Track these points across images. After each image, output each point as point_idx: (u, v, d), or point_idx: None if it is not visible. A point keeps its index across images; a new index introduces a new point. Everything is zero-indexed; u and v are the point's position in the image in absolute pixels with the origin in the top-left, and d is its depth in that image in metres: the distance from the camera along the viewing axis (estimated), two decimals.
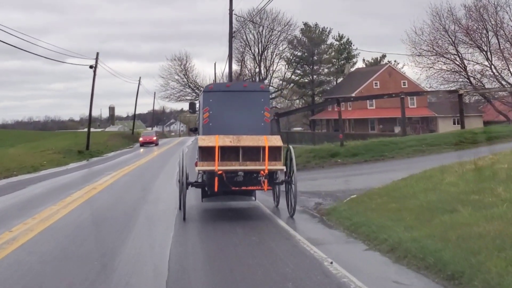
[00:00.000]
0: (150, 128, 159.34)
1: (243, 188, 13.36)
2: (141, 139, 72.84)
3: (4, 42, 33.62)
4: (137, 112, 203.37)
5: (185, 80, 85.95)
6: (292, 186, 13.88)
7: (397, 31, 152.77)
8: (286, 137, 28.82)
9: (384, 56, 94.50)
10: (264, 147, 12.95)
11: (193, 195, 17.09)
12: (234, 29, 47.62)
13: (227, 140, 13.00)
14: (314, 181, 21.61)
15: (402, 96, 29.59)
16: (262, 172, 12.97)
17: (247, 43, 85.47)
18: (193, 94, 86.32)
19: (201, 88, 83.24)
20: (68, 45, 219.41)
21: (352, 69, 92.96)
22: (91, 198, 19.12)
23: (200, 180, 14.44)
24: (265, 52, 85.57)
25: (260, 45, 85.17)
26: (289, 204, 14.10)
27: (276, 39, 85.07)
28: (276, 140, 13.27)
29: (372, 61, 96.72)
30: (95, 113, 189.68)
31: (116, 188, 22.48)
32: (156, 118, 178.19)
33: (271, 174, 13.49)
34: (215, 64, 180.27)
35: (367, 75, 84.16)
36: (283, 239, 11.44)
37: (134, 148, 68.73)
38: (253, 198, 15.20)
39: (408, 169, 22.78)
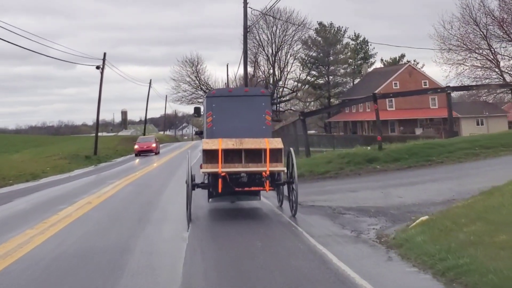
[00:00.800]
0: (162, 132, 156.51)
1: (246, 189, 13.59)
2: (136, 146, 55.94)
3: (17, 45, 29.76)
4: (149, 116, 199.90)
5: (197, 82, 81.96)
6: (293, 186, 13.93)
7: (408, 33, 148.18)
8: (306, 139, 24.81)
9: (403, 56, 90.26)
10: (265, 149, 13.17)
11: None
12: (246, 27, 43.59)
13: (229, 143, 13.25)
14: (354, 193, 17.55)
15: (448, 91, 25.41)
16: (264, 173, 13.17)
17: (260, 44, 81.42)
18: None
19: (218, 88, 79.25)
20: (79, 50, 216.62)
21: (370, 69, 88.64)
22: (80, 217, 15.12)
23: (206, 182, 14.41)
24: (279, 53, 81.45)
25: (273, 45, 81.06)
26: (291, 204, 14.19)
27: (290, 39, 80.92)
28: (277, 143, 13.49)
29: (391, 60, 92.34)
30: (108, 118, 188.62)
31: (115, 203, 18.50)
32: (169, 122, 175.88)
33: (273, 175, 13.76)
34: (227, 65, 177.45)
35: (386, 75, 79.93)
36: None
37: None
38: (258, 198, 15.27)
39: (466, 176, 18.70)
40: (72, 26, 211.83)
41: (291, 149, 14.76)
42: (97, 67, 51.08)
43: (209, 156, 13.32)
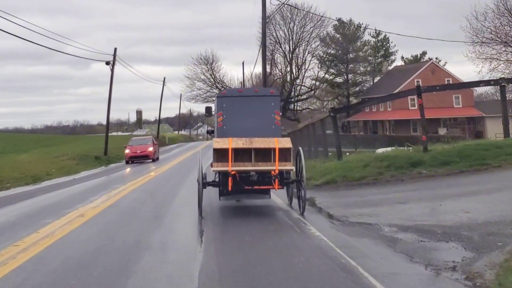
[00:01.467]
0: (176, 132, 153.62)
1: (255, 187, 13.69)
2: (127, 151, 43.56)
3: (36, 43, 26.68)
4: (164, 116, 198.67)
5: (212, 80, 78.69)
6: (302, 185, 13.89)
7: (426, 32, 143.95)
8: (337, 139, 21.37)
9: (424, 53, 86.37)
10: (274, 149, 13.27)
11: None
12: (264, 17, 40.33)
13: (240, 142, 13.35)
14: (404, 205, 14.11)
15: (502, 84, 21.83)
16: (273, 172, 13.28)
17: (277, 41, 78.13)
18: None
19: (229, 88, 75.96)
20: (92, 50, 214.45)
21: (390, 67, 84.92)
22: (64, 237, 11.82)
23: (217, 180, 14.47)
24: (297, 50, 78.10)
25: (291, 42, 77.72)
26: (300, 203, 14.16)
27: (308, 36, 77.56)
28: (286, 142, 13.65)
29: (412, 58, 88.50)
30: (123, 117, 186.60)
31: (112, 216, 15.22)
32: (184, 121, 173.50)
33: (282, 174, 13.86)
34: (243, 63, 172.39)
35: (408, 73, 76.22)
36: None
37: (159, 152, 61.78)
38: (268, 196, 15.13)
39: None
40: (86, 26, 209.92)
41: (300, 148, 14.79)
42: (107, 63, 48.00)
43: (220, 155, 13.43)
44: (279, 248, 10.11)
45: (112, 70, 50.50)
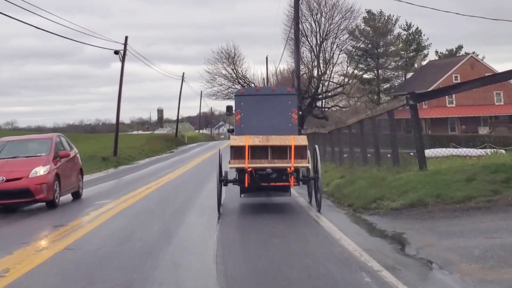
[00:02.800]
0: (198, 131, 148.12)
1: (271, 184, 13.53)
2: None
3: (63, 38, 20.24)
4: (186, 115, 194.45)
5: (234, 75, 71.95)
6: (318, 182, 13.51)
7: (461, 27, 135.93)
8: (419, 138, 14.84)
9: (460, 48, 78.96)
10: (290, 146, 13.11)
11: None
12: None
13: (256, 140, 13.31)
14: None
15: None
16: (288, 169, 13.03)
17: (303, 33, 71.12)
18: None
19: (252, 84, 69.26)
20: (113, 48, 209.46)
21: (424, 62, 77.63)
22: None
23: (237, 178, 13.84)
24: (324, 44, 71.06)
25: (318, 35, 70.74)
26: (316, 199, 13.73)
27: (336, 29, 70.49)
28: (302, 140, 13.50)
29: (447, 52, 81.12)
30: (145, 116, 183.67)
31: (83, 259, 8.81)
32: (205, 120, 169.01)
33: (298, 171, 13.65)
34: (266, 58, 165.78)
35: (444, 68, 69.07)
36: None
37: (175, 153, 55.53)
38: (288, 194, 14.64)
39: None
40: (105, 25, 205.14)
41: (316, 146, 14.73)
42: (116, 52, 41.67)
43: (237, 152, 13.25)
44: None
45: (122, 61, 44.25)
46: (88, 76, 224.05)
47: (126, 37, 44.90)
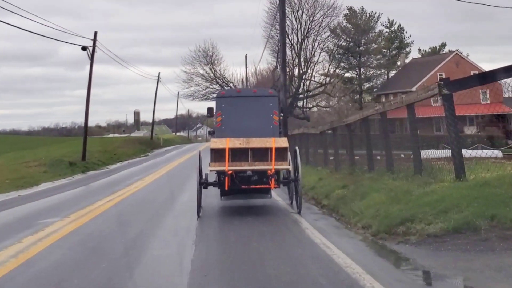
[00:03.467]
0: (175, 133, 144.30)
1: (252, 186, 13.28)
2: None
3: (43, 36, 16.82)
4: (163, 117, 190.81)
5: (212, 74, 68.46)
6: (298, 184, 13.44)
7: (445, 25, 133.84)
8: (455, 139, 11.74)
9: (443, 45, 76.29)
10: (271, 148, 12.95)
11: None
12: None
13: (237, 142, 13.10)
14: None
15: None
16: (269, 171, 12.86)
17: (284, 31, 67.96)
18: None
19: (230, 84, 65.72)
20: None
21: (407, 60, 74.79)
22: None
23: (218, 180, 13.73)
24: (305, 41, 67.94)
25: (299, 33, 67.61)
26: (296, 201, 13.68)
27: (318, 26, 67.43)
28: (282, 142, 13.29)
29: (430, 50, 78.42)
30: (122, 119, 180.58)
31: None
32: (182, 122, 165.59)
33: (278, 173, 13.54)
34: (246, 56, 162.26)
35: (429, 66, 66.30)
36: None
37: (149, 157, 51.80)
38: (269, 196, 14.44)
39: None
40: (80, 27, 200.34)
41: (297, 148, 14.40)
42: (83, 48, 37.95)
43: (217, 154, 13.06)
44: None
45: (91, 58, 40.49)
46: (63, 79, 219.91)
47: (95, 33, 41.23)
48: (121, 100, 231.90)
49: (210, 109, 15.69)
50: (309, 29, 67.52)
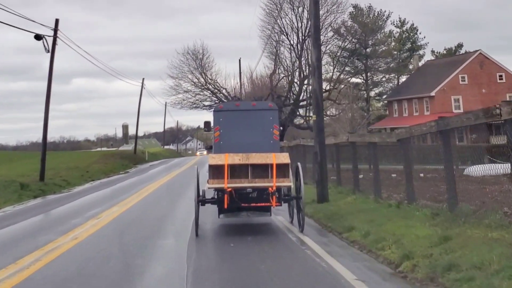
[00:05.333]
0: (164, 146, 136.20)
1: (252, 204, 12.66)
2: None
3: None
4: (153, 131, 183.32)
5: (202, 80, 59.40)
6: (301, 202, 12.54)
7: (461, 23, 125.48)
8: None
9: (460, 46, 67.76)
10: (272, 165, 12.24)
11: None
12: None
13: (236, 158, 12.41)
14: None
15: None
16: (270, 188, 12.17)
17: (283, 31, 59.43)
18: (213, 98, 59.76)
19: (223, 90, 56.87)
20: (73, 65, 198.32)
21: (420, 63, 66.07)
22: None
23: (216, 197, 13.01)
24: (307, 42, 59.20)
25: (300, 33, 58.95)
26: (299, 219, 12.74)
27: (321, 24, 58.69)
28: (284, 158, 12.53)
29: (445, 52, 69.78)
30: (110, 133, 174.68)
31: None
32: (172, 135, 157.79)
33: (280, 191, 12.67)
34: (239, 60, 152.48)
35: (448, 68, 57.75)
36: None
37: (129, 174, 42.64)
38: (269, 214, 13.59)
39: None
40: (61, 40, 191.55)
41: (299, 164, 13.49)
42: (38, 37, 29.06)
43: (216, 171, 12.35)
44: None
45: (52, 51, 31.57)
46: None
47: (57, 21, 32.28)
48: (110, 114, 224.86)
49: (207, 123, 15.20)
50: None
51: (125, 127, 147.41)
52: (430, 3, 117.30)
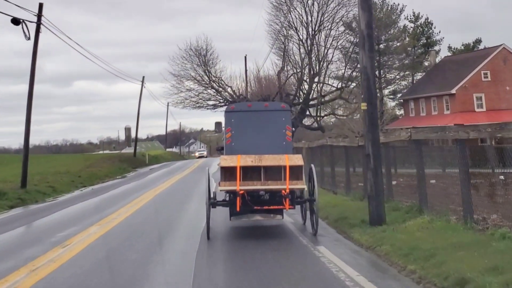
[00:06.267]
0: (167, 149, 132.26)
1: (265, 207, 12.08)
2: None
3: None
4: (156, 133, 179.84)
5: (206, 77, 54.78)
6: (314, 204, 12.18)
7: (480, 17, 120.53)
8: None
9: (478, 41, 63.17)
10: (285, 166, 11.75)
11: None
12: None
13: (248, 160, 12.01)
14: None
15: None
16: (283, 191, 11.68)
17: (292, 25, 54.92)
18: (218, 97, 55.21)
19: (229, 89, 52.51)
20: (73, 68, 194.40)
21: (437, 59, 61.42)
22: None
23: (227, 199, 12.68)
24: (317, 37, 54.71)
25: (309, 27, 54.43)
26: (312, 222, 12.32)
27: (332, 18, 54.33)
28: (297, 159, 12.06)
29: (463, 48, 65.13)
30: (113, 135, 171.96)
31: None
32: (175, 138, 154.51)
33: (293, 193, 12.27)
34: (245, 57, 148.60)
35: (469, 64, 53.15)
36: None
37: (127, 179, 38.25)
38: (281, 216, 12.76)
39: None
40: (64, 42, 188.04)
41: (312, 165, 13.07)
42: (16, 22, 24.82)
43: (228, 173, 11.90)
44: None
45: (36, 36, 27.27)
46: (50, 96, 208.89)
47: (41, 4, 27.82)
48: (112, 117, 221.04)
49: (218, 124, 15.14)
50: (321, 22, 54.44)
51: (127, 130, 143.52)
52: None
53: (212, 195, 12.58)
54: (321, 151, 22.12)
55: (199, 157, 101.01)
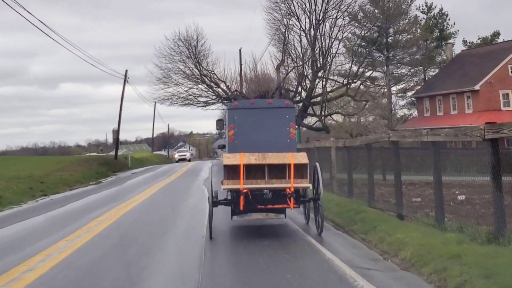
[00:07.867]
0: (155, 152, 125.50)
1: (269, 206, 11.82)
2: None
3: None
4: (145, 136, 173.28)
5: (197, 71, 47.74)
6: (319, 203, 11.93)
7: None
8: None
9: (496, 35, 56.66)
10: (289, 165, 11.49)
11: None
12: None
13: (252, 158, 11.67)
14: None
15: None
16: (288, 190, 11.45)
17: (294, 13, 48.14)
18: (210, 93, 48.16)
19: (222, 84, 46.16)
20: (59, 69, 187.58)
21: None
22: None
23: (229, 198, 12.24)
24: (321, 28, 47.89)
25: (313, 16, 47.64)
26: (317, 222, 12.16)
27: (337, 7, 47.54)
28: (301, 157, 11.75)
29: (480, 41, 58.57)
30: (101, 138, 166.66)
31: None
32: (164, 141, 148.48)
33: (298, 192, 11.98)
34: (240, 50, 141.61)
35: (492, 57, 46.70)
36: None
37: (102, 185, 31.21)
38: (284, 215, 12.63)
39: None
40: (49, 44, 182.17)
41: (317, 164, 12.61)
42: None
43: (231, 171, 11.53)
44: None
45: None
46: (38, 98, 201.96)
47: None
48: (100, 119, 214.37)
49: (219, 122, 15.00)
50: (326, 11, 47.63)
51: (115, 132, 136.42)
52: None
53: (214, 194, 11.97)
54: (372, 155, 14.78)
55: (180, 160, 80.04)
